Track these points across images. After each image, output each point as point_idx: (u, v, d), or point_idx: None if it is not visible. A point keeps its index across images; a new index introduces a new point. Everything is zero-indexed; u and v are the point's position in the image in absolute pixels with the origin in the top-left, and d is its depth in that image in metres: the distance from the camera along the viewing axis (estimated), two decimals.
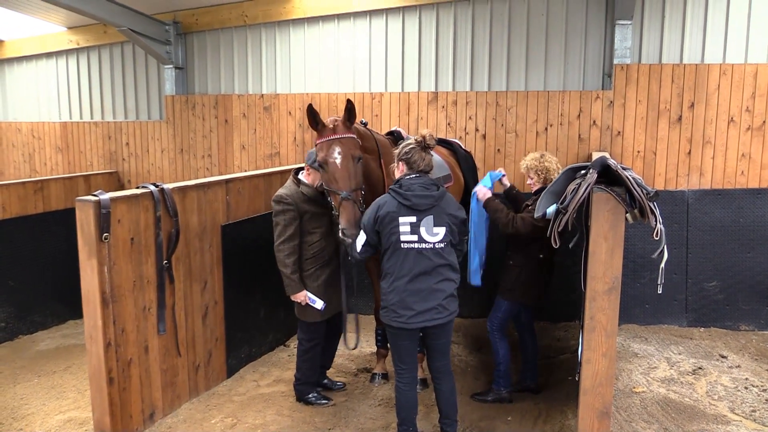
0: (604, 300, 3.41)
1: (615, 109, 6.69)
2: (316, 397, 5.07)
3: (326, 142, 4.28)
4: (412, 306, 3.84)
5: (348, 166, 4.23)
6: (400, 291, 3.85)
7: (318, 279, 4.79)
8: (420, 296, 3.84)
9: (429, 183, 3.91)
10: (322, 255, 4.80)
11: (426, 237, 3.83)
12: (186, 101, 8.26)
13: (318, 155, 4.29)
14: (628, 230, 4.23)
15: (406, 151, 3.99)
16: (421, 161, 3.95)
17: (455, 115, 7.17)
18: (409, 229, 3.82)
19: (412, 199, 3.83)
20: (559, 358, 5.98)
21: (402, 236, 3.82)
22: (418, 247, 3.83)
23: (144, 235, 4.49)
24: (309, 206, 4.72)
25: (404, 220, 3.83)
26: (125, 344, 4.36)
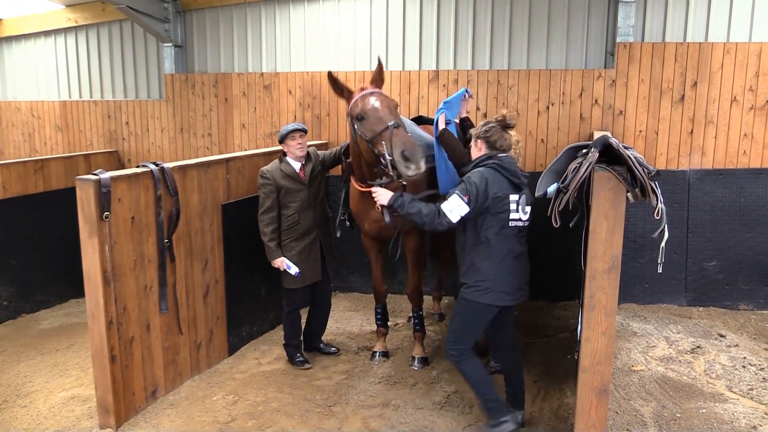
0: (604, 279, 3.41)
1: (617, 88, 6.65)
2: (300, 360, 5.44)
3: (360, 97, 4.39)
4: (515, 284, 4.00)
5: (388, 105, 4.35)
6: (507, 270, 3.94)
7: (292, 250, 5.17)
8: (521, 274, 4.03)
9: (516, 162, 4.03)
10: (297, 228, 5.15)
11: (522, 216, 3.97)
12: (185, 80, 8.21)
13: (353, 111, 4.40)
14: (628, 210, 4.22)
15: (485, 129, 4.01)
16: (502, 141, 3.99)
17: None
18: (516, 207, 3.93)
19: (521, 177, 3.94)
20: (558, 336, 6.01)
21: (511, 214, 3.91)
22: (520, 225, 3.97)
23: (144, 214, 4.49)
24: (285, 182, 5.12)
25: (513, 198, 3.91)
26: (127, 323, 4.38)
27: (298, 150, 5.16)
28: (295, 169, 5.17)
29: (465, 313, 4.04)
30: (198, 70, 8.43)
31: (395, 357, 5.60)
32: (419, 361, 5.38)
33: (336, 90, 4.53)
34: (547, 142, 6.89)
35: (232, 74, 8.00)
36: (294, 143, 5.14)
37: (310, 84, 7.57)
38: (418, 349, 5.45)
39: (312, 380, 5.15)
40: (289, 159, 5.18)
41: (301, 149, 5.16)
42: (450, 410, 4.63)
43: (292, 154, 5.16)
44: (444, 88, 7.13)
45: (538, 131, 6.90)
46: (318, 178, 5.33)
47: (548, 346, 5.79)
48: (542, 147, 6.89)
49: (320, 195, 5.34)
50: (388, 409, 4.65)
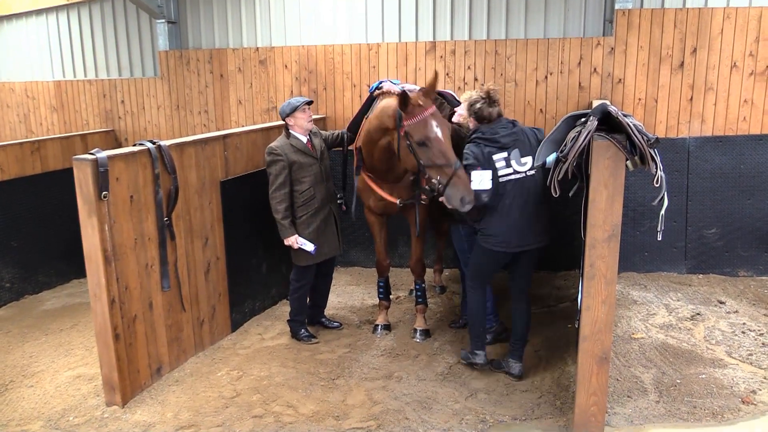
0: (604, 248, 3.42)
1: (616, 56, 6.58)
2: (306, 335, 5.46)
3: (424, 120, 4.32)
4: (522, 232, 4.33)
5: (448, 134, 4.41)
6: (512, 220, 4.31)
7: (310, 226, 5.14)
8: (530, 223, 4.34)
9: (506, 122, 4.39)
10: (312, 203, 5.13)
11: (518, 168, 4.28)
12: (180, 56, 8.13)
13: (414, 132, 4.33)
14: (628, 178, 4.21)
15: (475, 108, 4.39)
16: (489, 114, 4.38)
17: (453, 65, 7.07)
18: (505, 163, 4.27)
19: (500, 139, 4.29)
20: (559, 306, 6.05)
21: (500, 171, 4.26)
22: (517, 178, 4.28)
23: (143, 193, 4.48)
24: (297, 156, 5.09)
25: (498, 157, 4.28)
26: (129, 301, 4.40)
27: (308, 123, 5.14)
28: (304, 142, 5.16)
29: (476, 254, 4.58)
30: (192, 46, 8.35)
31: (397, 330, 5.64)
32: (421, 334, 5.42)
33: (402, 107, 4.37)
34: (545, 111, 6.85)
35: (227, 50, 7.93)
36: (305, 116, 5.12)
37: (306, 58, 7.50)
38: (420, 321, 5.49)
39: (315, 354, 5.20)
40: (296, 133, 5.14)
41: (311, 121, 5.17)
42: (452, 381, 4.68)
43: (300, 127, 5.12)
44: (441, 59, 7.07)
45: (537, 101, 6.85)
46: (325, 154, 5.34)
47: (549, 315, 5.83)
48: (541, 116, 6.86)
49: (329, 170, 5.35)
50: (391, 380, 4.70)
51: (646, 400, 4.25)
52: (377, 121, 4.79)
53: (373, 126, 4.85)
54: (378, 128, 4.80)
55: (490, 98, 4.39)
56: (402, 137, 4.46)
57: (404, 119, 4.40)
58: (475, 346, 4.72)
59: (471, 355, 4.75)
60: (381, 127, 4.75)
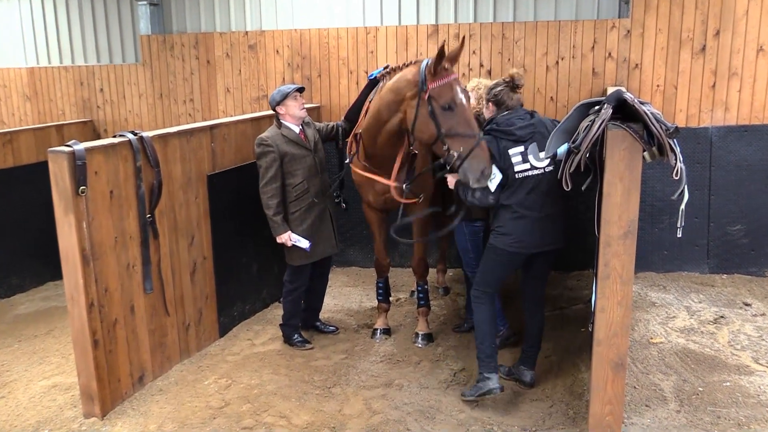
0: (620, 245, 3.43)
1: (632, 39, 6.58)
2: (300, 340, 5.46)
3: (450, 84, 4.35)
4: (537, 232, 4.29)
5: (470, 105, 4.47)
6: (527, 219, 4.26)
7: (303, 222, 5.15)
8: (545, 223, 4.30)
9: (523, 113, 4.36)
10: (306, 197, 5.13)
11: (536, 164, 4.25)
12: (163, 41, 8.13)
13: (440, 95, 4.34)
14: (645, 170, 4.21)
15: (495, 92, 4.38)
16: (509, 100, 4.37)
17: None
18: (521, 158, 4.25)
19: (516, 132, 4.25)
20: (571, 308, 6.06)
21: (516, 167, 4.24)
22: (534, 174, 4.25)
23: (124, 188, 4.48)
24: (289, 147, 5.09)
25: (514, 151, 4.25)
26: (109, 304, 4.41)
27: (300, 111, 5.14)
28: (297, 132, 5.16)
29: (487, 255, 4.46)
30: (176, 30, 8.34)
31: (398, 334, 5.65)
32: (423, 338, 5.43)
33: (438, 64, 4.38)
34: (556, 99, 6.85)
35: (213, 34, 7.92)
36: (296, 104, 5.12)
37: (299, 43, 7.50)
38: (422, 325, 5.50)
39: (309, 361, 5.20)
40: (288, 123, 5.14)
41: (303, 110, 5.17)
42: (457, 389, 4.68)
43: (291, 116, 5.12)
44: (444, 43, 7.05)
45: (547, 88, 6.86)
46: (319, 144, 5.34)
47: (561, 318, 5.84)
48: (552, 105, 6.86)
49: (323, 162, 5.35)
50: (391, 389, 4.71)
51: (665, 410, 4.26)
52: (391, 94, 4.65)
53: (385, 101, 4.70)
54: (391, 103, 4.65)
55: (513, 83, 4.37)
56: (424, 102, 4.39)
57: (429, 82, 4.38)
58: (486, 368, 4.41)
59: (482, 382, 4.40)
60: (396, 99, 4.61)
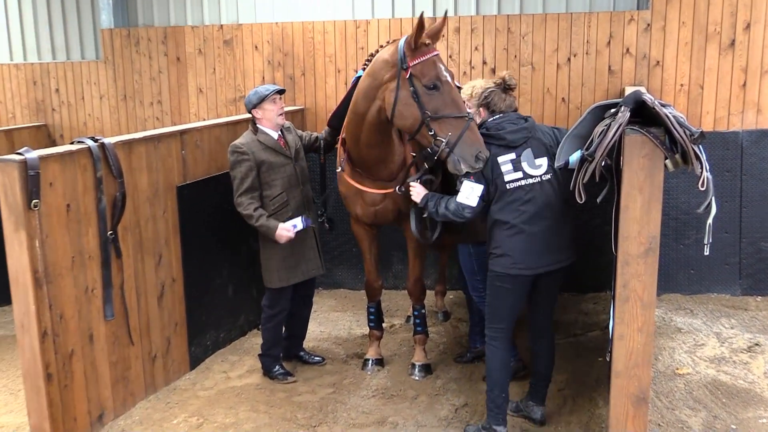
0: (640, 264, 3.43)
1: (653, 33, 6.64)
2: (281, 372, 5.44)
3: (431, 61, 4.37)
4: (536, 249, 4.25)
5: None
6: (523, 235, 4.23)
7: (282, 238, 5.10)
8: (545, 238, 4.26)
9: (515, 117, 4.38)
10: (286, 210, 5.15)
11: (530, 171, 4.25)
12: (128, 36, 8.15)
13: (423, 73, 4.35)
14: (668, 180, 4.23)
15: (485, 95, 4.42)
16: (501, 103, 4.41)
17: (458, 45, 7.11)
18: (511, 167, 4.25)
19: (506, 136, 4.27)
20: (587, 335, 6.07)
21: (506, 176, 4.24)
22: (527, 184, 4.24)
23: (83, 201, 4.48)
24: (267, 155, 5.12)
25: (504, 159, 4.26)
26: (65, 333, 4.39)
27: (278, 116, 5.15)
28: (275, 138, 5.18)
29: (490, 285, 4.41)
30: (143, 23, 8.37)
31: (392, 365, 5.64)
32: (421, 369, 5.42)
33: (418, 37, 4.35)
34: (568, 101, 6.89)
35: (184, 28, 7.95)
36: (275, 108, 5.13)
37: (281, 38, 7.53)
38: (420, 354, 5.49)
39: (292, 396, 5.18)
40: (265, 128, 5.16)
41: (281, 115, 5.19)
42: (459, 427, 4.67)
43: (269, 121, 5.14)
44: (443, 38, 7.11)
45: (558, 88, 6.90)
46: (301, 153, 5.36)
47: (575, 347, 5.84)
48: (563, 107, 6.90)
49: (305, 172, 5.37)
50: (385, 427, 4.69)
51: None
52: (368, 79, 4.64)
53: (362, 90, 4.70)
54: (368, 89, 4.64)
55: (505, 84, 4.42)
56: (404, 82, 4.39)
57: (410, 59, 4.37)
58: (494, 419, 4.38)
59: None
60: (373, 85, 4.59)
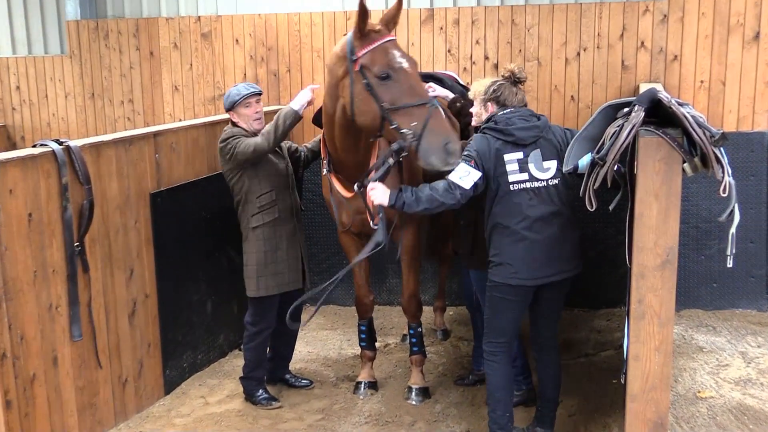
0: (656, 277, 3.44)
1: (670, 25, 6.67)
2: (265, 397, 5.42)
3: (383, 47, 4.35)
4: (539, 258, 4.28)
5: (416, 68, 4.44)
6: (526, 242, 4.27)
7: (267, 242, 5.18)
8: (548, 246, 4.30)
9: (527, 114, 4.42)
10: (272, 210, 5.18)
11: (537, 174, 4.30)
12: (96, 28, 8.15)
13: (372, 63, 4.33)
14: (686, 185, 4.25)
15: (494, 89, 4.48)
16: (513, 97, 4.47)
17: (457, 38, 7.12)
18: (518, 166, 4.29)
19: (516, 133, 4.29)
20: (600, 355, 6.07)
21: (511, 176, 4.29)
22: (533, 187, 4.29)
23: (46, 210, 4.47)
24: None
25: (510, 157, 4.31)
26: (26, 356, 4.37)
27: (255, 121, 5.16)
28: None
29: (489, 296, 4.48)
30: (112, 14, 8.37)
31: (386, 388, 5.63)
32: (418, 393, 5.41)
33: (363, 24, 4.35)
34: (578, 99, 6.91)
35: (158, 19, 7.95)
36: (249, 112, 5.14)
37: (264, 30, 7.54)
38: (417, 377, 5.48)
39: (277, 423, 5.17)
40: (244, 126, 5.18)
41: (258, 120, 5.18)
42: None
43: (246, 126, 5.16)
44: (441, 31, 7.13)
45: (567, 85, 6.92)
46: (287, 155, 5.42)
47: (587, 367, 5.85)
48: (572, 106, 6.92)
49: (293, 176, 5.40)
50: None
51: None
52: (328, 77, 4.73)
53: (326, 88, 4.78)
54: (330, 87, 4.71)
55: (515, 78, 4.49)
56: (357, 76, 4.39)
57: (358, 49, 4.38)
58: None
59: None
60: (332, 82, 4.65)
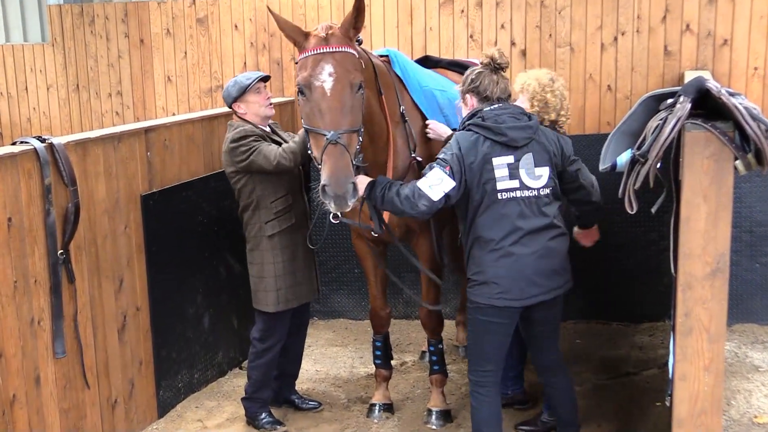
0: (705, 288, 3.43)
1: (719, 5, 6.64)
2: (269, 421, 5.40)
3: (312, 57, 4.30)
4: (526, 275, 4.22)
5: (342, 94, 4.24)
6: (510, 258, 4.20)
7: (284, 251, 5.18)
8: (537, 262, 4.24)
9: (518, 111, 4.34)
10: (287, 217, 5.16)
11: (528, 182, 4.23)
12: (80, 13, 8.20)
13: (299, 75, 4.31)
14: (738, 185, 4.24)
15: (472, 78, 4.42)
16: (494, 86, 4.36)
17: (480, 23, 7.12)
18: (508, 172, 4.21)
19: (508, 133, 4.18)
20: (641, 374, 6.05)
21: (499, 183, 4.20)
22: (523, 197, 4.22)
23: (27, 214, 4.49)
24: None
25: (500, 161, 4.21)
26: (5, 375, 4.39)
27: (266, 107, 5.18)
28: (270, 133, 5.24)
29: (471, 319, 4.43)
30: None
31: (403, 411, 5.63)
32: (439, 416, 5.40)
33: (286, 31, 4.39)
34: (615, 88, 6.89)
35: (149, 3, 7.99)
36: (260, 98, 5.16)
37: (265, 15, 7.56)
38: (437, 398, 5.47)
39: None
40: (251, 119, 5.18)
41: (270, 106, 5.22)
42: None
43: (256, 115, 5.16)
44: (462, 14, 7.13)
45: (603, 74, 6.90)
46: None
47: (628, 388, 5.83)
48: (609, 96, 6.90)
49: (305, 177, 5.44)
50: None
51: None
52: None
53: None
54: None
55: (495, 64, 4.39)
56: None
57: (299, 54, 4.39)
58: None
59: None
60: None
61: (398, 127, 4.90)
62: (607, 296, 6.87)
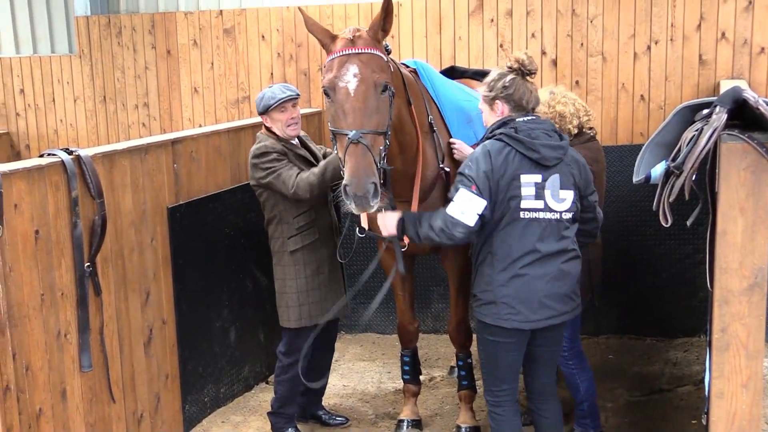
0: (743, 303, 3.40)
1: (756, 12, 6.59)
2: None
3: (338, 59, 4.30)
4: (537, 298, 4.12)
5: (366, 94, 4.23)
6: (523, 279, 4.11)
7: (308, 266, 5.18)
8: (549, 286, 4.14)
9: (551, 128, 4.21)
10: (311, 232, 5.17)
11: (552, 205, 4.11)
12: (107, 24, 8.27)
13: (324, 77, 4.31)
14: None
15: (505, 84, 4.20)
16: (530, 95, 4.21)
17: (510, 31, 7.11)
18: (534, 191, 4.08)
19: (541, 150, 4.05)
20: (676, 391, 6.00)
21: (524, 201, 4.07)
22: (545, 219, 4.10)
23: (54, 227, 4.52)
24: (299, 163, 5.15)
25: (528, 179, 4.08)
26: (32, 388, 4.42)
27: (288, 127, 5.17)
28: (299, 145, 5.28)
29: (480, 339, 4.35)
30: (126, 10, 8.48)
31: (431, 428, 5.62)
32: None
33: (318, 35, 4.41)
34: (648, 98, 6.86)
35: (176, 14, 8.05)
36: (284, 117, 5.14)
37: (293, 25, 7.60)
38: (466, 414, 5.46)
39: None
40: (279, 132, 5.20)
41: (293, 126, 5.20)
42: None
43: (280, 132, 5.18)
44: (492, 23, 7.13)
45: (636, 83, 6.87)
46: None
47: (661, 405, 5.78)
48: (642, 107, 6.87)
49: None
50: None
51: None
52: None
53: None
54: None
55: (524, 69, 4.24)
56: None
57: (327, 56, 4.40)
58: None
59: None
60: None
61: (427, 137, 4.89)
62: (640, 310, 6.82)
